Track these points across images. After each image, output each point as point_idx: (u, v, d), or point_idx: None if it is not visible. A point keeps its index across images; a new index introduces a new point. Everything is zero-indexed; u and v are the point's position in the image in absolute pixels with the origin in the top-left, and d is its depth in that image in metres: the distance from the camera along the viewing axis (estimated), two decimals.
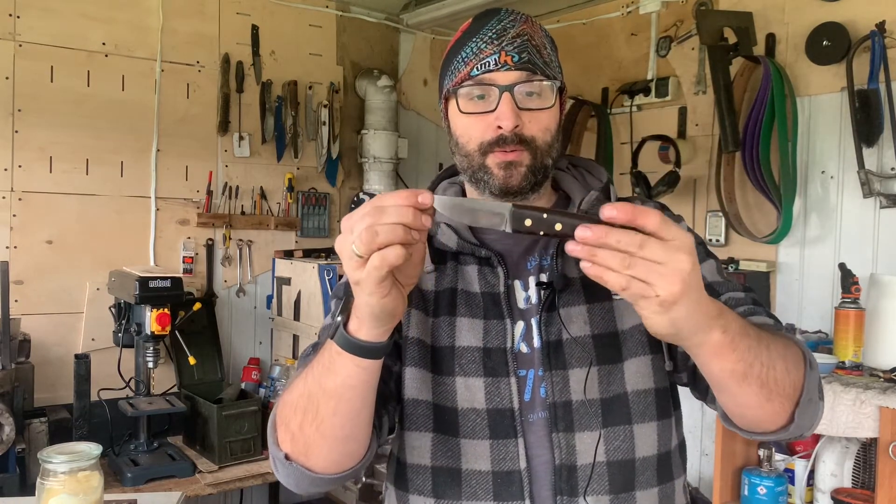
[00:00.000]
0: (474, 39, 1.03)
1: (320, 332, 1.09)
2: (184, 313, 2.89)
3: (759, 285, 2.59)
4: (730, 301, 1.05)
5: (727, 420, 0.99)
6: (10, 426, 2.30)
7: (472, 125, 1.03)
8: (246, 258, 3.37)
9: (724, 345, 0.82)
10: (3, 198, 2.83)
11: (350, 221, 0.79)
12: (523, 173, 1.01)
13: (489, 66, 1.00)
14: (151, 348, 2.67)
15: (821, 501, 2.12)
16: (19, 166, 2.85)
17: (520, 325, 1.04)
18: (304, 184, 3.54)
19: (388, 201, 0.78)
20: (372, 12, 3.70)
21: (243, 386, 3.14)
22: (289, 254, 3.40)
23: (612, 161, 3.14)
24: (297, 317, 3.22)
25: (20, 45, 2.84)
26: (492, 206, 0.79)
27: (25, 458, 2.41)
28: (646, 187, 2.85)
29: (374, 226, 0.76)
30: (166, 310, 2.60)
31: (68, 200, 2.95)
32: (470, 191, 1.10)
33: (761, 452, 2.19)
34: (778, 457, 2.23)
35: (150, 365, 2.70)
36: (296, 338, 3.25)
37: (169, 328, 2.63)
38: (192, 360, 2.86)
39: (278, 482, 3.15)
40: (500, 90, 1.00)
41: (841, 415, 1.88)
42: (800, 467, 2.18)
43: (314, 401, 0.91)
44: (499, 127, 1.00)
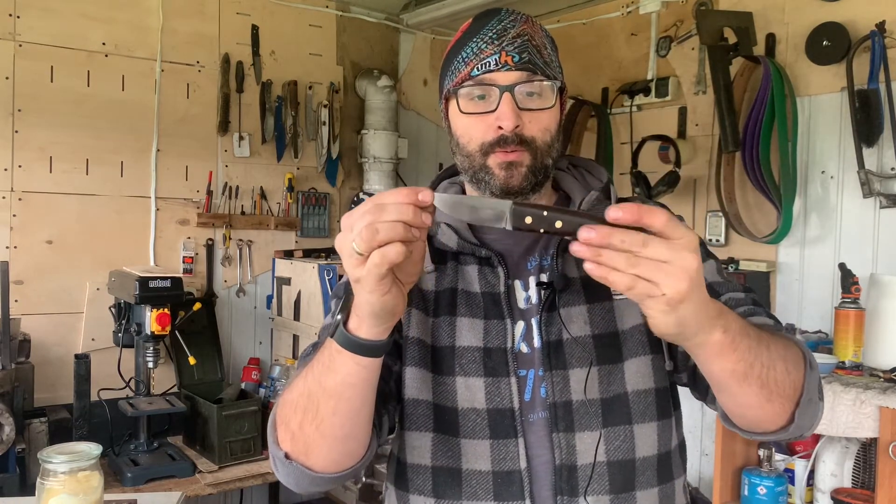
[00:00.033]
0: (475, 39, 1.03)
1: (320, 332, 1.09)
2: (184, 313, 2.89)
3: (759, 285, 2.59)
4: (730, 301, 1.05)
5: (727, 420, 0.99)
6: (10, 426, 2.30)
7: (472, 125, 1.03)
8: (246, 258, 3.37)
9: (724, 345, 0.82)
10: (3, 198, 2.83)
11: (350, 219, 0.79)
12: (524, 174, 1.01)
13: (490, 66, 1.00)
14: (151, 348, 2.67)
15: (821, 501, 2.12)
16: (19, 166, 2.85)
17: (520, 324, 1.04)
18: (304, 184, 3.54)
19: (388, 199, 0.78)
20: (372, 12, 3.70)
21: (243, 386, 3.14)
22: (289, 254, 3.40)
23: (612, 161, 3.14)
24: (297, 317, 3.22)
25: (20, 45, 2.84)
26: (492, 204, 0.79)
27: (25, 458, 2.41)
28: (646, 187, 2.85)
29: (375, 223, 0.76)
30: (166, 310, 2.60)
31: (68, 200, 2.95)
32: (470, 191, 1.10)
33: (761, 452, 2.19)
34: (778, 457, 2.23)
35: (150, 365, 2.70)
36: (296, 338, 3.25)
37: (169, 328, 2.63)
38: (192, 360, 2.86)
39: (278, 482, 3.15)
40: (500, 90, 1.00)
41: (841, 415, 1.88)
42: (800, 467, 2.19)
43: (314, 400, 0.91)
44: (499, 127, 1.00)
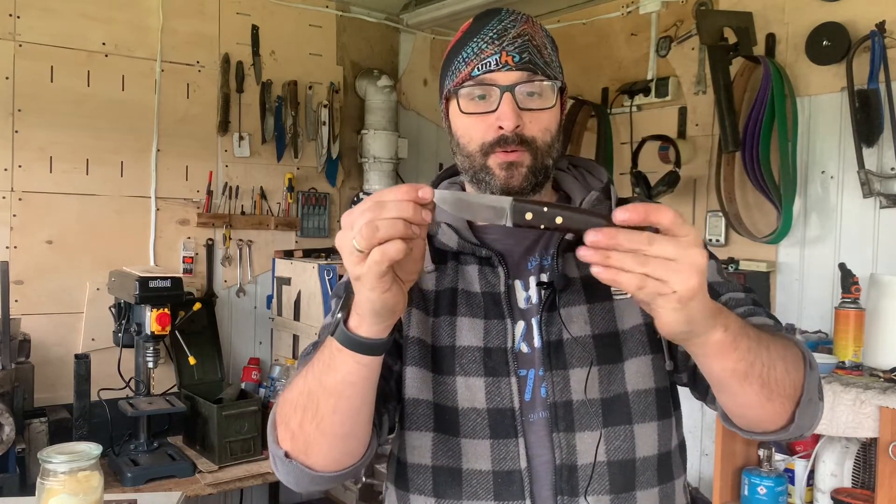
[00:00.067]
0: (475, 40, 1.03)
1: (320, 331, 1.09)
2: (184, 313, 2.89)
3: (759, 285, 2.59)
4: (730, 302, 1.05)
5: (727, 420, 0.99)
6: (10, 426, 2.30)
7: (473, 125, 1.03)
8: (246, 258, 3.37)
9: (725, 344, 0.82)
10: (3, 198, 2.83)
11: (351, 217, 0.79)
12: (524, 174, 1.01)
13: (490, 66, 1.00)
14: (151, 348, 2.67)
15: (821, 501, 2.12)
16: (19, 166, 2.85)
17: (520, 324, 1.04)
18: (304, 184, 3.54)
19: (388, 196, 0.78)
20: (372, 12, 3.70)
21: (243, 386, 3.14)
22: (289, 254, 3.40)
23: (612, 161, 3.14)
24: (297, 317, 3.22)
25: (20, 45, 2.84)
26: (492, 200, 0.79)
27: (25, 458, 2.41)
28: (646, 187, 2.85)
29: (375, 220, 0.76)
30: (166, 310, 2.60)
31: (68, 200, 2.95)
32: (470, 190, 1.10)
33: (761, 452, 2.19)
34: (778, 457, 2.23)
35: (150, 365, 2.70)
36: (296, 338, 3.25)
37: (169, 328, 2.63)
38: (192, 360, 2.86)
39: (278, 482, 3.15)
40: (501, 90, 1.00)
41: (841, 415, 1.88)
42: (800, 467, 2.19)
43: (314, 398, 0.91)
44: (500, 127, 1.00)
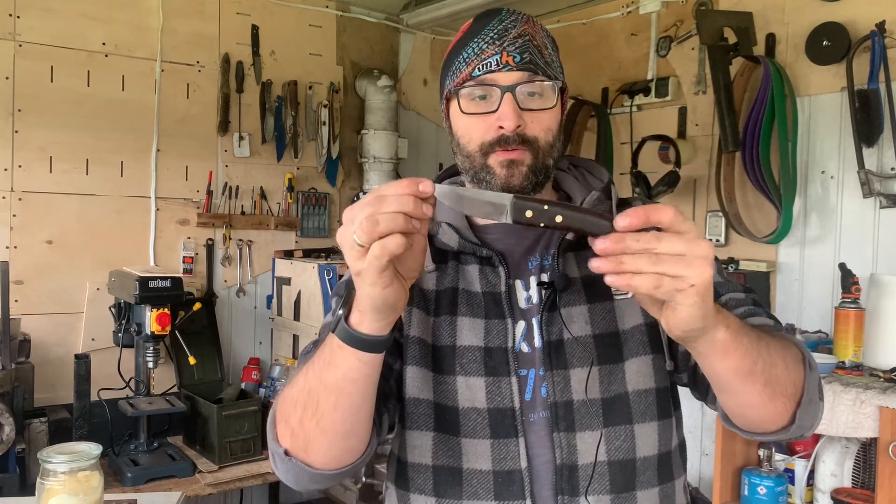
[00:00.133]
0: (476, 40, 1.03)
1: (321, 330, 1.09)
2: (184, 313, 2.89)
3: (759, 285, 2.59)
4: (730, 302, 1.05)
5: (727, 420, 0.99)
6: (10, 426, 2.30)
7: (473, 125, 1.03)
8: (246, 258, 3.37)
9: (729, 342, 0.82)
10: (3, 198, 2.83)
11: (352, 212, 0.79)
12: (525, 173, 1.01)
13: (491, 66, 1.00)
14: (151, 348, 2.67)
15: (821, 501, 2.12)
16: (19, 166, 2.85)
17: (521, 324, 1.04)
18: (304, 184, 3.54)
19: (388, 190, 0.78)
20: (372, 12, 3.70)
21: (243, 386, 3.14)
22: (289, 254, 3.40)
23: (612, 161, 3.14)
24: (297, 317, 3.22)
25: (20, 45, 2.84)
26: (493, 197, 0.79)
27: (25, 458, 2.41)
28: (646, 187, 2.85)
29: (375, 215, 0.76)
30: (166, 310, 2.60)
31: (68, 200, 2.95)
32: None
33: (761, 452, 2.19)
34: (778, 457, 2.23)
35: (150, 365, 2.70)
36: (296, 338, 3.25)
37: (169, 328, 2.63)
38: (192, 360, 2.86)
39: (278, 482, 3.15)
40: (501, 90, 1.00)
41: (841, 415, 1.88)
42: (800, 467, 2.19)
43: (314, 395, 0.91)
44: (500, 127, 1.00)
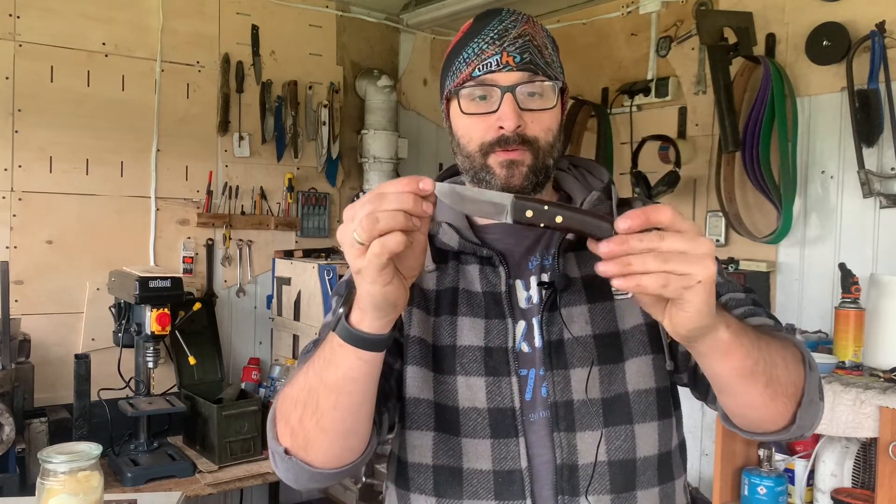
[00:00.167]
0: (476, 40, 1.03)
1: (321, 329, 1.09)
2: (184, 313, 2.89)
3: (759, 285, 2.59)
4: (730, 302, 1.05)
5: (728, 421, 0.99)
6: (10, 426, 2.30)
7: (473, 126, 1.03)
8: (246, 258, 3.37)
9: (730, 342, 0.83)
10: (3, 198, 2.83)
11: (352, 210, 0.79)
12: (525, 173, 1.01)
13: (491, 66, 1.00)
14: (151, 348, 2.67)
15: (821, 501, 2.12)
16: (19, 166, 2.85)
17: (521, 324, 1.04)
18: (304, 184, 3.54)
19: (389, 188, 0.78)
20: (372, 12, 3.70)
21: (243, 386, 3.14)
22: (289, 254, 3.40)
23: (612, 161, 3.14)
24: (297, 317, 3.22)
25: (20, 45, 2.84)
26: (493, 196, 0.79)
27: (25, 458, 2.41)
28: (646, 187, 2.85)
29: (375, 212, 0.76)
30: (166, 310, 2.60)
31: (68, 200, 2.95)
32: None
33: (761, 452, 2.19)
34: (778, 457, 2.23)
35: (150, 365, 2.70)
36: (296, 338, 3.25)
37: (169, 328, 2.63)
38: (192, 360, 2.86)
39: (278, 482, 3.15)
40: (501, 91, 1.00)
41: (841, 415, 1.88)
42: (800, 467, 2.19)
43: (314, 394, 0.91)
44: (500, 127, 1.00)
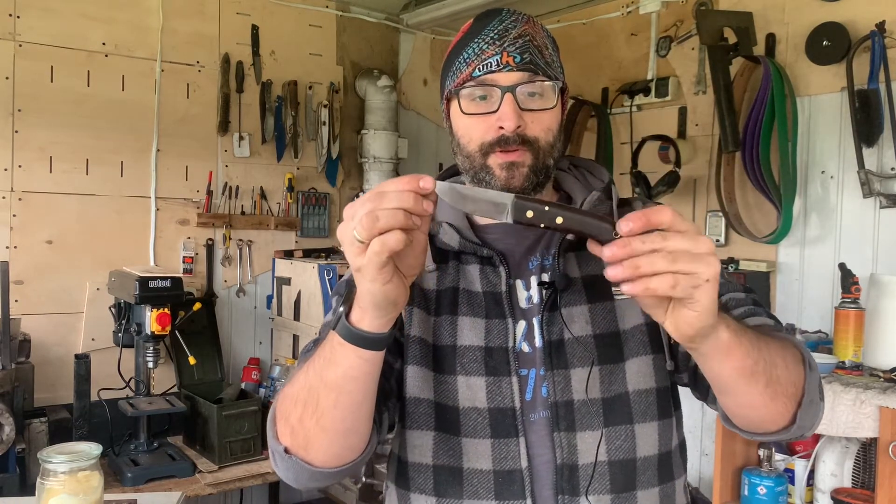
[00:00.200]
0: (476, 40, 1.03)
1: (322, 328, 1.09)
2: (184, 313, 2.89)
3: (759, 285, 2.59)
4: (730, 302, 1.05)
5: (728, 421, 0.99)
6: (10, 426, 2.30)
7: (473, 126, 1.03)
8: (246, 258, 3.37)
9: (731, 342, 0.82)
10: (3, 198, 2.83)
11: (352, 209, 0.79)
12: (525, 174, 1.01)
13: (491, 66, 1.00)
14: (151, 348, 2.67)
15: (821, 501, 2.12)
16: (19, 166, 2.85)
17: (521, 324, 1.04)
18: (304, 184, 3.54)
19: (389, 186, 0.78)
20: (372, 12, 3.70)
21: (243, 386, 3.14)
22: (289, 254, 3.40)
23: (612, 161, 3.14)
24: (297, 317, 3.22)
25: (20, 45, 2.84)
26: (494, 196, 0.79)
27: (25, 458, 2.41)
28: (646, 187, 2.85)
29: (375, 211, 0.77)
30: (166, 310, 2.60)
31: (68, 200, 2.95)
32: None
33: (761, 452, 2.19)
34: (778, 457, 2.23)
35: (150, 365, 2.70)
36: (296, 338, 3.25)
37: (169, 328, 2.63)
38: (192, 360, 2.86)
39: (278, 482, 3.15)
40: (502, 91, 1.00)
41: (841, 415, 1.88)
42: (800, 467, 2.19)
43: (315, 393, 0.91)
44: (500, 127, 1.00)
